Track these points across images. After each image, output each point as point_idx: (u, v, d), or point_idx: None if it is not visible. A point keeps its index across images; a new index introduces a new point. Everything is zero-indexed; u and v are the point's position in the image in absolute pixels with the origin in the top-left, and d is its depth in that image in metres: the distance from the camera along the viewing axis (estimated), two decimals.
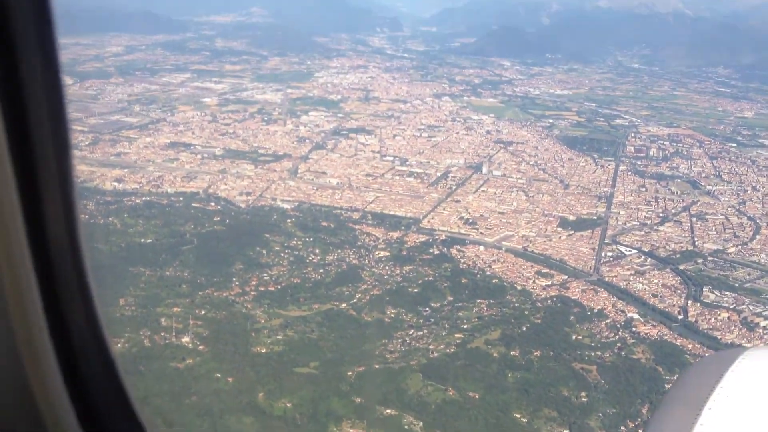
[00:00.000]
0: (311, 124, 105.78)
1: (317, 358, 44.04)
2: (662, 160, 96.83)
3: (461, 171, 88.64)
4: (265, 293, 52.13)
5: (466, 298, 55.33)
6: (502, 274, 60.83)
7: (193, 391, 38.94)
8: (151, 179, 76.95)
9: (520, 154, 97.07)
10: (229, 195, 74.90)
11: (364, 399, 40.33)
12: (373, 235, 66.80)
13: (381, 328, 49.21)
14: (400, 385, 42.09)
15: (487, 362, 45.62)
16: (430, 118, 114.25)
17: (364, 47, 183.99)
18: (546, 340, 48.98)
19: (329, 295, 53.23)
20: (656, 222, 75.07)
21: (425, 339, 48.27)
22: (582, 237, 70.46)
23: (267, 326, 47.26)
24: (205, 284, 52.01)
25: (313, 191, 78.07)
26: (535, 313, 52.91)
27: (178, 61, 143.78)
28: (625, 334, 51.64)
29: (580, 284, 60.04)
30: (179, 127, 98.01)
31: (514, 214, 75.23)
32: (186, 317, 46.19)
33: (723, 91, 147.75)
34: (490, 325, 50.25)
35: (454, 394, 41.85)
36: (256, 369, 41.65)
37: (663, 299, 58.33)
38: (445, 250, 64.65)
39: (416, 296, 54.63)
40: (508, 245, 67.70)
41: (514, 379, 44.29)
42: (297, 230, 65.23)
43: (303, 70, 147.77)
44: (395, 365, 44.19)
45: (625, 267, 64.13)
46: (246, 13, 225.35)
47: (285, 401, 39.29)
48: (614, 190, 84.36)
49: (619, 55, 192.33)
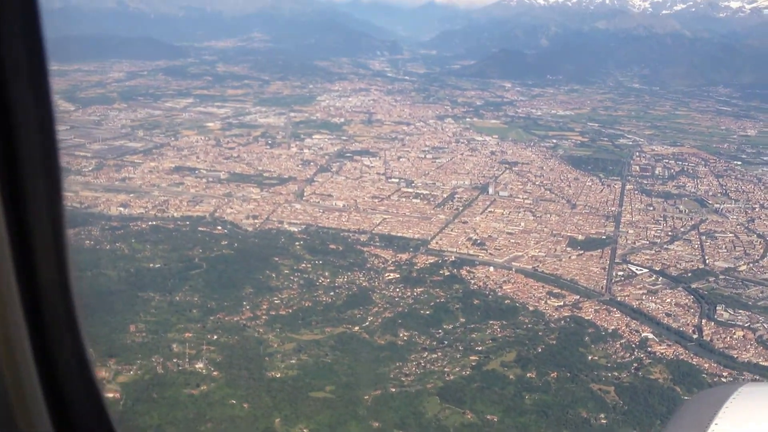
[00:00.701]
0: (315, 147, 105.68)
1: (332, 382, 43.37)
2: (668, 179, 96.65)
3: (467, 192, 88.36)
4: (277, 317, 51.53)
5: (478, 319, 54.75)
6: (513, 294, 60.25)
7: (208, 417, 38.24)
8: (157, 204, 76.61)
9: (525, 174, 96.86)
10: (236, 218, 74.48)
11: (382, 423, 39.64)
12: (381, 257, 66.31)
13: (395, 351, 48.59)
14: (418, 409, 41.40)
15: (504, 384, 44.96)
16: (434, 139, 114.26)
17: (365, 70, 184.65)
18: (562, 361, 48.33)
19: (341, 318, 52.65)
20: (666, 241, 74.66)
21: (440, 362, 47.62)
22: (592, 257, 69.97)
23: (280, 350, 46.60)
24: (215, 309, 51.42)
25: (319, 214, 77.68)
26: (549, 334, 52.28)
27: (180, 86, 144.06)
28: (640, 354, 51.01)
29: (593, 304, 59.47)
30: (183, 152, 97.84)
31: (523, 235, 74.81)
32: (198, 343, 45.52)
33: (724, 110, 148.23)
34: (504, 347, 49.60)
35: (472, 417, 41.17)
36: (272, 394, 40.95)
37: (677, 318, 57.76)
38: (455, 271, 64.11)
39: (428, 318, 54.05)
40: (518, 266, 67.21)
41: (531, 401, 43.58)
42: (305, 253, 64.70)
43: (305, 93, 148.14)
44: (411, 388, 43.52)
45: (636, 286, 63.59)
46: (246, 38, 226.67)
47: (302, 426, 38.58)
48: (622, 209, 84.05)
49: (619, 76, 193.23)
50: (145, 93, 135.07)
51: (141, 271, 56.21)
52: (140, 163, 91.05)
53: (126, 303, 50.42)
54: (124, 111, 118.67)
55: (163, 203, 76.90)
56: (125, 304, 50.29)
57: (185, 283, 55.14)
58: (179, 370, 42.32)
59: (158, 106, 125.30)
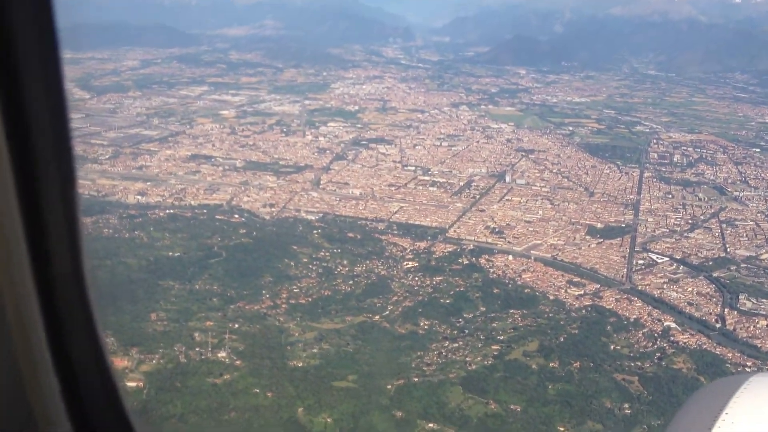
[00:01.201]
0: (330, 134, 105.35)
1: (355, 371, 43.21)
2: (687, 167, 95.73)
3: (484, 180, 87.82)
4: (297, 306, 51.40)
5: (498, 308, 54.44)
6: (533, 283, 59.87)
7: (232, 406, 38.14)
8: (174, 192, 76.53)
9: (542, 162, 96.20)
10: (253, 207, 74.33)
11: (405, 413, 39.44)
12: (400, 246, 66.05)
13: (416, 340, 48.38)
14: (441, 399, 41.18)
15: (527, 374, 44.68)
16: (449, 127, 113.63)
17: (378, 58, 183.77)
18: (584, 351, 48.00)
19: (361, 307, 52.46)
20: (686, 229, 73.99)
21: (461, 351, 47.37)
22: (611, 245, 69.41)
23: (301, 339, 46.46)
24: (235, 297, 51.31)
25: (336, 202, 77.43)
26: (571, 324, 51.91)
27: (194, 74, 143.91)
28: (663, 343, 50.58)
29: (614, 293, 59.04)
30: (199, 140, 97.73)
31: (541, 223, 74.30)
32: (219, 331, 45.43)
33: (742, 97, 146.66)
34: (526, 336, 49.28)
35: (496, 407, 40.93)
36: (295, 383, 40.80)
37: (699, 307, 57.22)
38: (474, 259, 63.79)
39: (448, 307, 53.80)
40: (537, 254, 66.78)
41: (554, 391, 43.30)
42: (324, 242, 64.53)
43: (319, 81, 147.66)
44: (434, 378, 43.31)
45: (657, 275, 63.05)
46: (259, 26, 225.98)
47: (325, 416, 38.45)
48: (640, 197, 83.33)
49: (634, 62, 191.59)
50: (160, 81, 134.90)
51: (160, 260, 56.14)
52: (156, 151, 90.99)
53: (146, 291, 50.43)
54: (139, 99, 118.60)
55: (180, 191, 76.80)
56: (146, 292, 50.29)
57: (205, 272, 55.03)
58: (202, 359, 42.25)
59: (173, 94, 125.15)
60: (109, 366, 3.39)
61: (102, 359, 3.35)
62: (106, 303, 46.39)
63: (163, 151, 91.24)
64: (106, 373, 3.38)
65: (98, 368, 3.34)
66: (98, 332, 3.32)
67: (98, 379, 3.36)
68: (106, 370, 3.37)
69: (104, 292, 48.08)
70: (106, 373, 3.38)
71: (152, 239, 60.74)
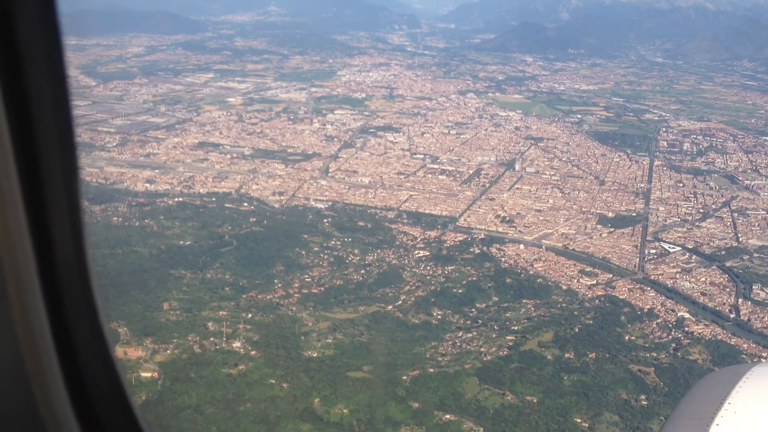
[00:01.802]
0: (338, 122, 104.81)
1: (369, 361, 42.96)
2: (697, 155, 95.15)
3: (493, 168, 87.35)
4: (309, 295, 51.13)
5: (511, 298, 54.18)
6: (545, 273, 59.53)
7: (247, 397, 37.85)
8: (183, 180, 76.17)
9: (551, 150, 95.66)
10: (262, 195, 74.00)
11: (422, 404, 39.16)
12: (410, 235, 65.73)
13: (429, 330, 48.14)
14: (457, 390, 40.90)
15: (542, 365, 44.40)
16: (457, 115, 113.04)
17: (384, 45, 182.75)
18: (599, 342, 47.70)
19: (373, 297, 52.20)
20: (697, 218, 73.53)
21: (476, 341, 47.10)
22: (623, 234, 69.03)
23: (315, 329, 46.18)
24: (247, 287, 51.07)
25: (345, 190, 77.03)
26: (585, 314, 51.61)
27: (199, 61, 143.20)
28: (678, 334, 50.29)
29: (626, 283, 58.73)
30: (206, 127, 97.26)
31: (552, 212, 73.89)
32: (233, 321, 45.15)
33: (750, 85, 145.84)
34: (541, 327, 48.93)
35: (512, 398, 40.65)
36: (310, 374, 40.54)
37: (712, 297, 56.87)
38: (485, 248, 63.46)
39: (461, 297, 53.52)
40: (548, 243, 66.41)
41: (570, 382, 43.03)
42: (334, 230, 64.21)
43: (325, 68, 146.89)
44: (449, 369, 43.04)
45: (670, 265, 62.67)
46: (263, 12, 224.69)
47: (341, 407, 38.18)
48: (651, 186, 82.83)
49: (641, 50, 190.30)
50: (165, 68, 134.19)
51: (172, 249, 55.87)
52: (164, 138, 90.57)
53: (158, 280, 50.15)
54: (145, 86, 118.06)
55: (189, 179, 76.44)
56: (158, 281, 50.03)
57: (216, 261, 54.82)
58: (216, 350, 41.99)
59: (179, 81, 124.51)
60: (112, 354, 3.36)
61: (104, 346, 3.31)
62: (118, 292, 46.27)
63: (170, 138, 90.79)
64: (108, 361, 3.33)
65: (101, 356, 3.30)
66: (101, 318, 3.27)
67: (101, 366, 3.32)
68: (109, 358, 3.33)
69: (116, 281, 47.95)
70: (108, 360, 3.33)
71: (162, 228, 60.45)
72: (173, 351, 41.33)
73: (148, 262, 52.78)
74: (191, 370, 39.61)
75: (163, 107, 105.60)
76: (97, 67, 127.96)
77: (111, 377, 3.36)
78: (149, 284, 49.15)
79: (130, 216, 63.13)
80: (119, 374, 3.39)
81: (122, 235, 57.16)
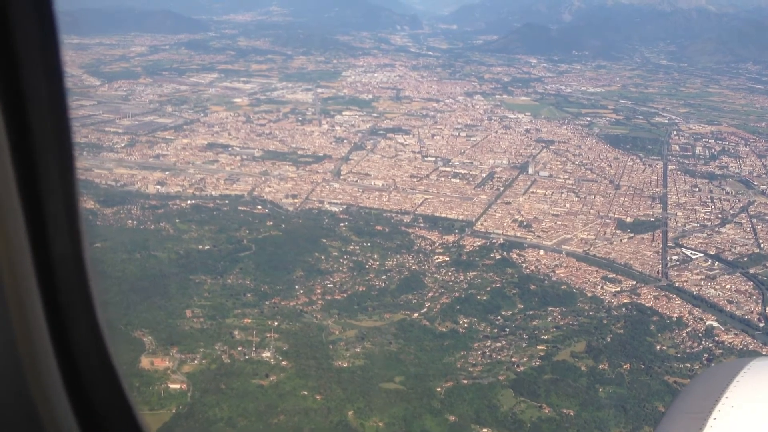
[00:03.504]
0: (346, 123, 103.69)
1: (401, 372, 41.84)
2: (710, 159, 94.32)
3: (506, 171, 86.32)
4: (332, 302, 50.04)
5: (536, 305, 53.15)
6: (568, 279, 58.52)
7: (280, 409, 36.66)
8: (194, 182, 74.98)
9: (563, 153, 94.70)
10: (275, 198, 72.84)
11: (458, 417, 38.06)
12: (428, 239, 64.67)
13: (457, 339, 47.08)
14: (492, 402, 39.83)
15: (576, 376, 43.34)
16: (466, 116, 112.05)
17: (387, 45, 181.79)
18: (632, 352, 46.67)
19: (397, 304, 51.11)
20: (716, 223, 72.55)
21: (506, 351, 46.04)
22: (643, 240, 68.08)
23: (342, 338, 45.06)
24: (269, 293, 49.93)
25: (359, 193, 75.91)
26: (614, 323, 50.57)
27: (203, 61, 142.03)
28: (709, 343, 49.29)
29: (651, 290, 57.71)
30: (214, 128, 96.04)
31: (569, 216, 72.90)
32: (259, 329, 44.00)
33: (757, 88, 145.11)
34: (571, 336, 47.91)
35: (549, 411, 39.58)
36: (343, 385, 39.37)
37: (739, 306, 55.88)
38: (505, 254, 62.41)
39: (486, 304, 52.48)
40: (568, 249, 65.41)
41: (606, 394, 42.00)
42: (352, 234, 63.12)
43: (330, 69, 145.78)
44: (483, 380, 41.94)
45: (693, 271, 61.71)
46: (265, 12, 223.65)
47: (376, 420, 37.08)
48: (667, 191, 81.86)
49: (645, 52, 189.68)
50: (170, 67, 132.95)
51: (190, 253, 54.71)
52: (172, 139, 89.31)
53: (179, 286, 49.05)
54: (150, 86, 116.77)
55: (200, 181, 75.27)
56: (178, 287, 48.92)
57: (235, 266, 53.70)
58: (246, 359, 40.80)
59: (184, 81, 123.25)
60: (110, 351, 3.29)
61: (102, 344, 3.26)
62: (140, 298, 45.14)
63: (179, 139, 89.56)
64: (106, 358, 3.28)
65: (99, 353, 3.27)
66: (99, 315, 3.23)
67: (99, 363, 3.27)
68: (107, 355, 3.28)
69: (136, 286, 46.86)
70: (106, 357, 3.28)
71: (179, 231, 59.26)
72: (201, 361, 40.15)
73: (168, 267, 51.58)
74: (221, 381, 38.41)
75: (169, 107, 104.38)
76: (100, 67, 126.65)
77: (109, 374, 3.33)
78: (170, 290, 48.01)
79: (144, 219, 61.91)
80: (117, 371, 3.36)
81: (139, 239, 55.94)
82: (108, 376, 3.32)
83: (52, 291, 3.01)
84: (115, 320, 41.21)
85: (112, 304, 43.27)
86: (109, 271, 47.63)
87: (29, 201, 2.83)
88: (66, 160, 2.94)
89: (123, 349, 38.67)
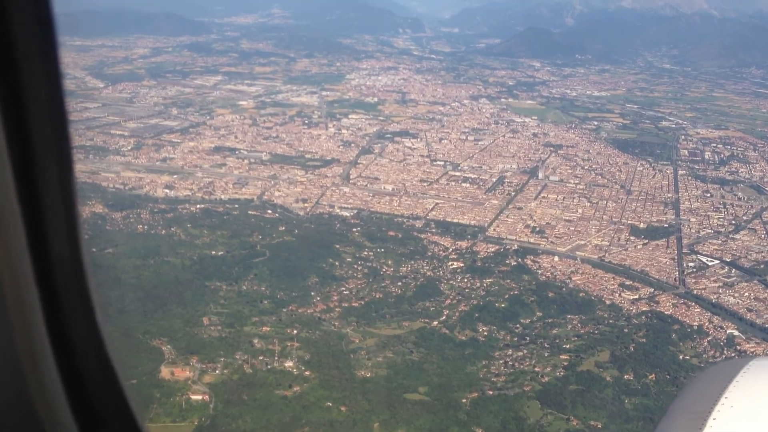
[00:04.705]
0: (353, 127, 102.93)
1: (425, 382, 40.99)
2: (720, 164, 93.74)
3: (516, 176, 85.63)
4: (350, 309, 49.23)
5: (555, 313, 52.39)
6: (585, 286, 57.78)
7: (305, 421, 35.82)
8: (202, 185, 74.13)
9: (572, 158, 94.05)
10: (285, 202, 71.99)
11: (485, 429, 37.28)
12: (441, 245, 63.90)
13: (478, 348, 46.27)
14: (519, 413, 39.05)
15: (602, 387, 42.60)
16: (473, 120, 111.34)
17: (390, 48, 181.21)
18: (656, 362, 45.92)
19: (415, 312, 50.31)
20: (730, 230, 71.95)
21: (528, 360, 45.25)
22: (658, 246, 67.39)
23: (363, 347, 44.24)
24: (286, 300, 49.09)
25: (369, 198, 75.12)
26: (636, 332, 49.78)
27: (206, 63, 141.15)
28: (731, 352, 48.54)
29: (669, 298, 56.99)
30: (221, 131, 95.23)
31: (582, 222, 72.20)
32: (279, 338, 43.15)
33: (762, 92, 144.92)
34: (594, 345, 47.14)
35: (577, 423, 38.79)
36: (367, 396, 38.53)
37: (759, 314, 55.21)
38: (520, 260, 61.64)
39: (504, 312, 51.69)
40: (583, 255, 64.68)
41: (632, 405, 41.25)
42: (365, 240, 62.34)
43: (333, 71, 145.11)
44: (509, 391, 41.13)
45: (711, 279, 61.03)
46: (267, 14, 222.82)
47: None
48: (679, 196, 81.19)
49: (648, 56, 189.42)
50: (173, 70, 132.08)
51: (204, 259, 53.87)
52: (179, 142, 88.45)
53: (195, 293, 48.20)
54: (154, 88, 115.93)
55: (209, 185, 74.45)
56: (194, 294, 48.08)
57: (250, 272, 52.91)
58: (268, 369, 39.92)
59: (188, 84, 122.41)
60: (109, 351, 3.29)
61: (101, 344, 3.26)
62: (156, 306, 44.28)
63: (185, 142, 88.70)
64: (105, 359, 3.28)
65: (98, 354, 3.27)
66: (98, 316, 3.22)
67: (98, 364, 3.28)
68: (106, 356, 3.28)
69: (152, 293, 45.99)
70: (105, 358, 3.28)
71: (191, 236, 58.43)
72: (222, 371, 39.27)
73: (182, 274, 50.72)
74: (244, 392, 37.52)
75: (174, 110, 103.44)
76: (103, 69, 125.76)
77: (108, 375, 3.32)
78: (186, 297, 47.15)
79: (154, 224, 61.04)
80: (117, 372, 3.34)
81: (151, 245, 55.07)
82: (107, 376, 3.33)
83: (52, 292, 3.00)
84: (133, 328, 40.44)
85: (128, 311, 42.53)
86: (124, 278, 46.84)
87: (28, 202, 2.82)
88: (65, 161, 2.92)
89: (142, 359, 37.85)
